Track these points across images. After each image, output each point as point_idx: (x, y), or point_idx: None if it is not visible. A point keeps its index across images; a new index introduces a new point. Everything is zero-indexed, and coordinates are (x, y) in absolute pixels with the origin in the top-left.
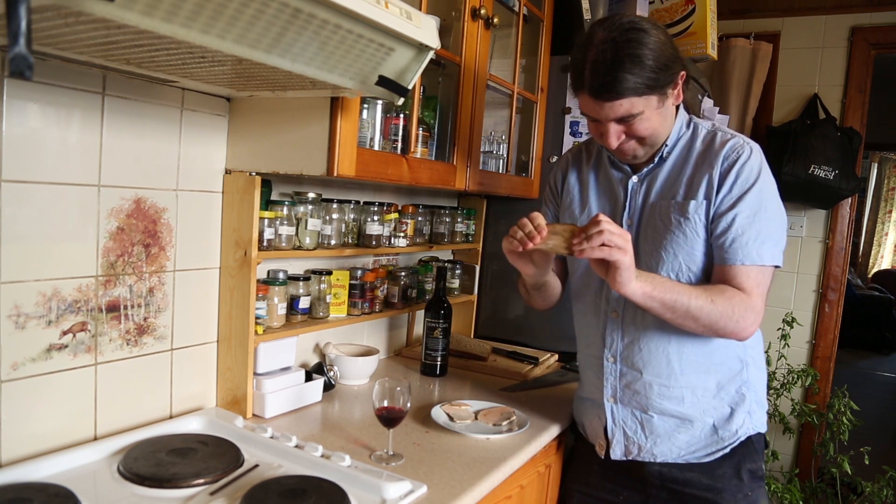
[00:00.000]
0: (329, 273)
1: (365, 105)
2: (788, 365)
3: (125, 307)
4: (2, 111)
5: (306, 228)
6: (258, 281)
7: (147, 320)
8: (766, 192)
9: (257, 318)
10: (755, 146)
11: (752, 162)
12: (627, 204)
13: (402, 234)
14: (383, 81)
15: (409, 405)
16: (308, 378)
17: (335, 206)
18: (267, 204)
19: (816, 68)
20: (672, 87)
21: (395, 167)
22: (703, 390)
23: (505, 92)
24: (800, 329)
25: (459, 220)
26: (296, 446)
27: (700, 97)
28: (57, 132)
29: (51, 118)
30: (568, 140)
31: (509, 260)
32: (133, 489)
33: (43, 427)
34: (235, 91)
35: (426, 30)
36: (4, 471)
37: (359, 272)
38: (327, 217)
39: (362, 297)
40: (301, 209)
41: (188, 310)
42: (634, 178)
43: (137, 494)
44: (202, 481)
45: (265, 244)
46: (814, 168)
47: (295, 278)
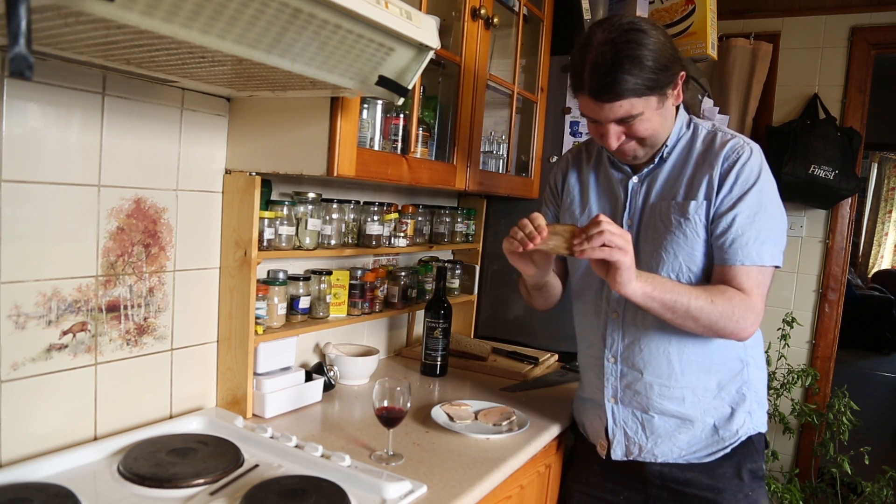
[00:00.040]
0: (329, 273)
1: (365, 105)
2: (788, 365)
3: (125, 307)
4: (2, 111)
5: (306, 228)
6: (258, 281)
7: (147, 320)
8: (766, 193)
9: (257, 318)
10: (755, 146)
11: (753, 162)
12: (628, 204)
13: (402, 234)
14: (383, 81)
15: (409, 405)
16: (308, 378)
17: (335, 206)
18: (267, 204)
19: (816, 68)
20: (672, 88)
21: (395, 167)
22: (704, 390)
23: (505, 92)
24: (800, 329)
25: (459, 220)
26: (296, 446)
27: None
28: (57, 132)
29: (51, 118)
30: (568, 140)
31: (510, 260)
32: (133, 489)
33: (43, 427)
34: (235, 91)
35: (426, 30)
36: (4, 471)
37: (359, 272)
38: (327, 217)
39: (362, 297)
40: (301, 209)
41: (188, 310)
42: (635, 179)
43: (137, 494)
44: (202, 481)
45: (265, 244)
46: (814, 168)
47: (295, 278)
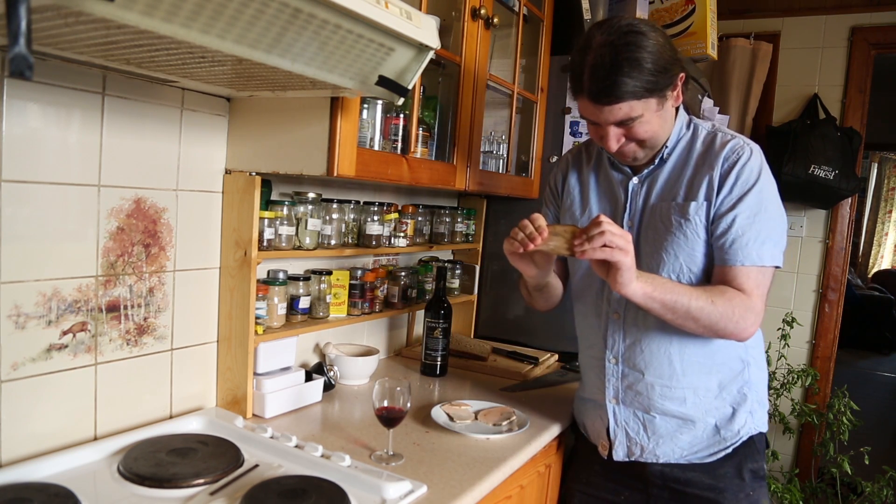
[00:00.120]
0: (329, 273)
1: (365, 105)
2: (788, 365)
3: (125, 307)
4: (2, 111)
5: (306, 228)
6: (258, 281)
7: (147, 320)
8: (767, 193)
9: (257, 318)
10: (755, 147)
11: (753, 163)
12: (628, 205)
13: (402, 234)
14: (383, 81)
15: (409, 405)
16: (308, 378)
17: (335, 206)
18: (267, 204)
19: (816, 68)
20: (671, 90)
21: (395, 167)
22: (705, 391)
23: (505, 92)
24: (800, 329)
25: (459, 220)
26: (296, 446)
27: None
28: (57, 132)
29: (51, 118)
30: (568, 140)
31: (510, 261)
32: (133, 489)
33: (43, 427)
34: (235, 91)
35: (426, 30)
36: (4, 471)
37: (359, 272)
38: (327, 217)
39: (362, 297)
40: (301, 209)
41: (188, 310)
42: (635, 180)
43: (137, 494)
44: (202, 481)
45: (265, 244)
46: (814, 168)
47: (295, 278)
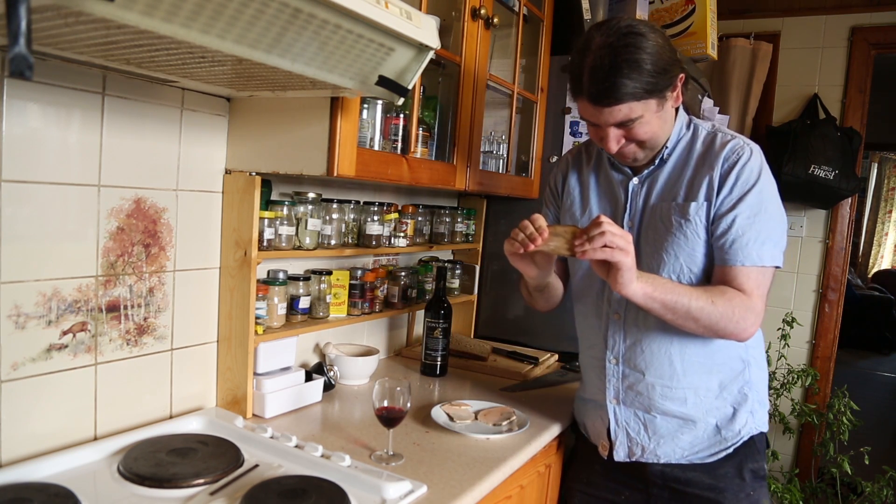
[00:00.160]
0: (329, 273)
1: (365, 105)
2: (788, 365)
3: (125, 307)
4: (2, 111)
5: (306, 228)
6: (258, 281)
7: (147, 320)
8: (767, 194)
9: (257, 318)
10: (755, 147)
11: (753, 163)
12: (628, 206)
13: (402, 234)
14: (383, 81)
15: (409, 405)
16: (308, 378)
17: (335, 206)
18: (267, 204)
19: (816, 68)
20: (671, 90)
21: (395, 167)
22: (706, 391)
23: (505, 92)
24: (800, 329)
25: (459, 220)
26: (296, 446)
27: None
28: (57, 132)
29: (51, 118)
30: (568, 140)
31: (511, 262)
32: (133, 489)
33: (43, 427)
34: (235, 91)
35: (426, 30)
36: (4, 471)
37: (359, 272)
38: (327, 217)
39: (362, 297)
40: (301, 209)
41: (188, 310)
42: (635, 180)
43: (137, 494)
44: (202, 481)
45: (265, 244)
46: (814, 168)
47: (295, 278)
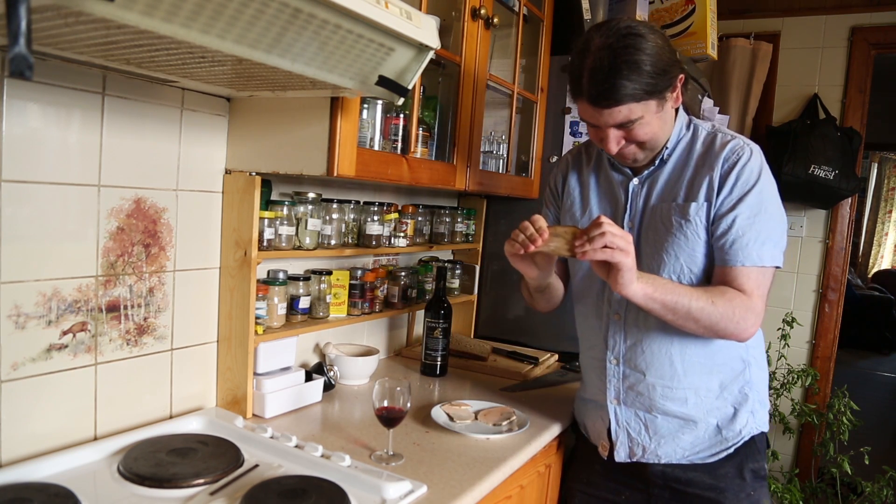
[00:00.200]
0: (329, 273)
1: (365, 105)
2: (788, 365)
3: (125, 307)
4: (2, 111)
5: (306, 228)
6: (258, 281)
7: (147, 320)
8: (767, 194)
9: (257, 318)
10: (755, 147)
11: (753, 164)
12: (628, 206)
13: (402, 234)
14: (383, 81)
15: (409, 405)
16: (308, 378)
17: (335, 206)
18: (267, 204)
19: (816, 68)
20: (671, 91)
21: (395, 167)
22: (707, 391)
23: (505, 92)
24: (800, 329)
25: (459, 220)
26: (296, 446)
27: (700, 97)
28: (57, 132)
29: (51, 118)
30: (568, 140)
31: (511, 263)
32: (133, 489)
33: (43, 427)
34: (235, 91)
35: (426, 30)
36: (4, 471)
37: (359, 272)
38: (327, 217)
39: (362, 297)
40: (301, 209)
41: (188, 310)
42: (635, 181)
43: (137, 494)
44: (202, 481)
45: (265, 244)
46: (814, 168)
47: (295, 278)
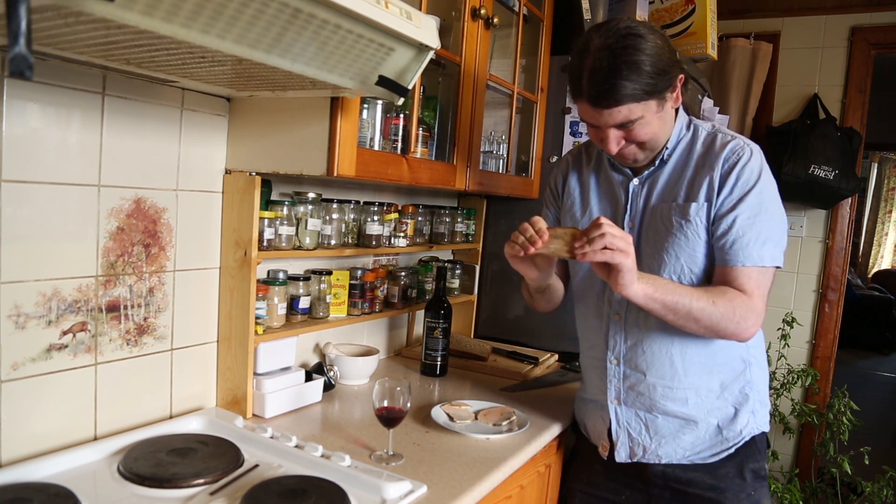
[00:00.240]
0: (329, 273)
1: (365, 105)
2: (788, 365)
3: (125, 307)
4: (2, 111)
5: (306, 228)
6: (258, 281)
7: (147, 320)
8: (767, 194)
9: (257, 318)
10: (755, 148)
11: (753, 164)
12: (629, 207)
13: (402, 234)
14: (383, 81)
15: (409, 405)
16: (308, 378)
17: (335, 206)
18: (267, 204)
19: (816, 68)
20: (671, 91)
21: (395, 167)
22: (707, 391)
23: (505, 92)
24: (800, 329)
25: (459, 220)
26: (296, 446)
27: (700, 97)
28: (57, 132)
29: (51, 118)
30: (568, 140)
31: (511, 264)
32: (133, 489)
33: (43, 427)
34: (235, 91)
35: (426, 30)
36: (4, 471)
37: (359, 272)
38: (327, 217)
39: (362, 297)
40: (301, 209)
41: (188, 310)
42: (635, 181)
43: (137, 494)
44: (202, 481)
45: (265, 244)
46: (814, 168)
47: (295, 278)
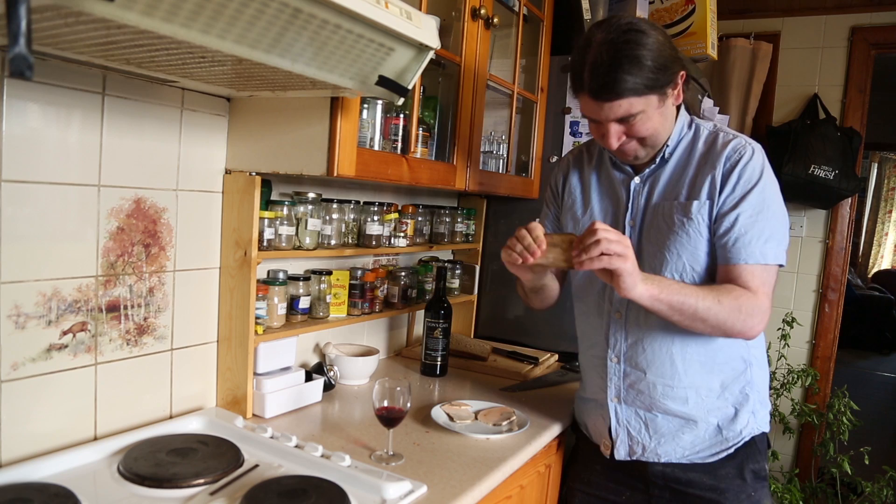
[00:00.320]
0: (329, 273)
1: (365, 105)
2: (788, 365)
3: (125, 307)
4: (2, 111)
5: (306, 228)
6: (258, 281)
7: (147, 320)
8: (769, 192)
9: (257, 318)
10: (757, 147)
11: (755, 162)
12: (630, 205)
13: (402, 234)
14: (383, 81)
15: (409, 405)
16: (308, 378)
17: (335, 206)
18: (267, 204)
19: (816, 68)
20: (672, 87)
21: (395, 167)
22: (708, 390)
23: (505, 92)
24: (800, 329)
25: (459, 220)
26: (296, 446)
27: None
28: (57, 132)
29: (51, 118)
30: (568, 140)
31: (508, 268)
32: (133, 489)
33: (43, 427)
34: (235, 91)
35: (426, 30)
36: (4, 471)
37: (359, 272)
38: (327, 217)
39: (362, 297)
40: (301, 209)
41: (188, 310)
42: (637, 180)
43: (137, 494)
44: (202, 481)
45: (265, 244)
46: (814, 168)
47: (295, 278)
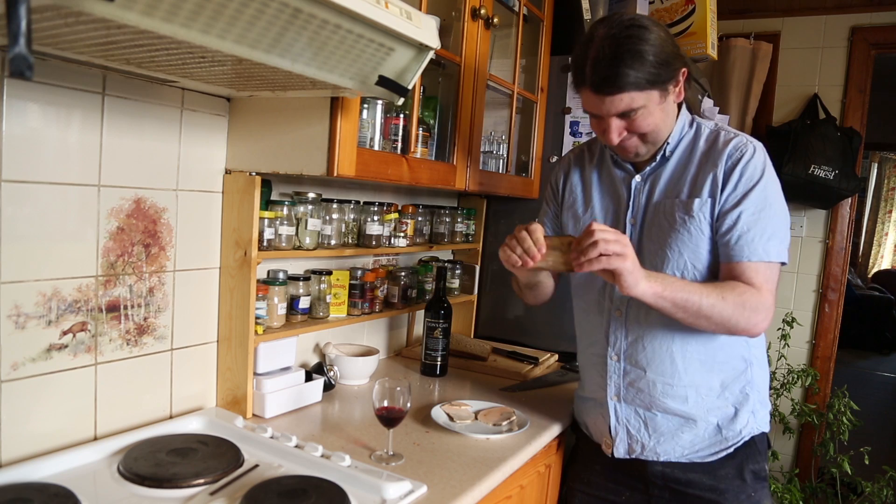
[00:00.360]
0: (329, 273)
1: (365, 105)
2: (788, 365)
3: (125, 307)
4: (2, 111)
5: (306, 228)
6: (258, 281)
7: (147, 320)
8: (770, 190)
9: (257, 318)
10: (759, 145)
11: (756, 160)
12: (631, 203)
13: (402, 234)
14: (383, 81)
15: (409, 405)
16: (308, 378)
17: (335, 206)
18: (267, 204)
19: (816, 68)
20: (673, 84)
21: (395, 167)
22: (708, 389)
23: (505, 92)
24: (800, 329)
25: (459, 220)
26: (296, 446)
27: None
28: (57, 132)
29: (51, 118)
30: (568, 140)
31: (505, 266)
32: (133, 489)
33: (43, 427)
34: (235, 91)
35: (426, 30)
36: (4, 471)
37: (359, 272)
38: (327, 217)
39: (362, 297)
40: (301, 209)
41: (188, 310)
42: (638, 178)
43: (137, 494)
44: (202, 481)
45: (265, 244)
46: (814, 168)
47: (295, 278)
